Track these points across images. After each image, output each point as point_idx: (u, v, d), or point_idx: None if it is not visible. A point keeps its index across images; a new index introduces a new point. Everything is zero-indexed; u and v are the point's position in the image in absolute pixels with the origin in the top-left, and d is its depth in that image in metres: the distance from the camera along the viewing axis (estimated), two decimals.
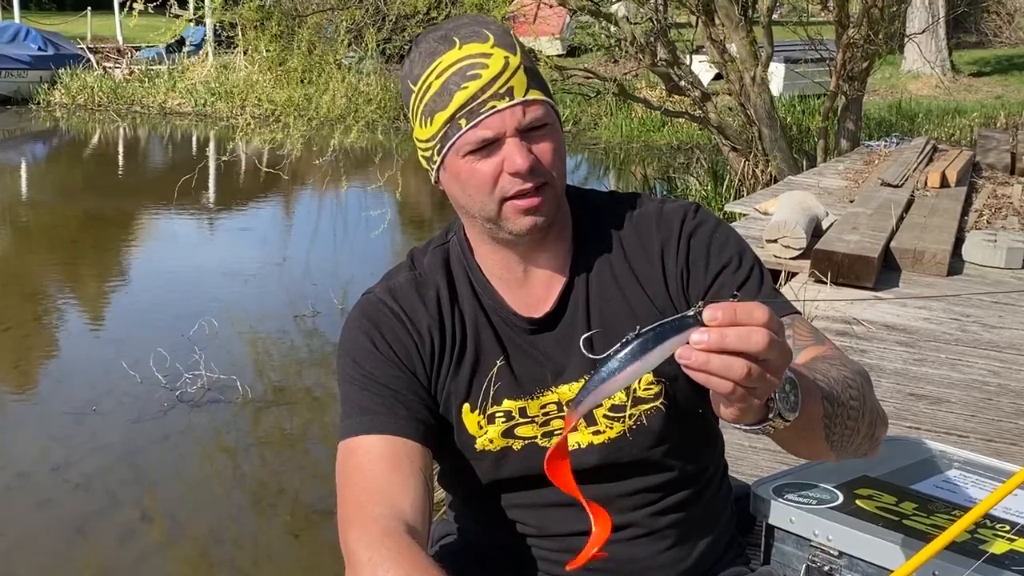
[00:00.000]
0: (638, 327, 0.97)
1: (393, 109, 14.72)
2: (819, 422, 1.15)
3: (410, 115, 1.29)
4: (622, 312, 1.32)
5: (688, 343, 0.95)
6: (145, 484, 4.46)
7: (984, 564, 1.30)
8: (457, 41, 1.24)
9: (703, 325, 0.95)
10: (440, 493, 1.49)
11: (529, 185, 1.24)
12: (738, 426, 1.05)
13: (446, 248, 1.39)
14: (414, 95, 1.27)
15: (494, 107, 1.22)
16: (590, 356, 1.05)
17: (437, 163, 1.28)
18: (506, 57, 1.23)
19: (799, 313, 1.37)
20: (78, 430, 4.98)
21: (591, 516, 1.08)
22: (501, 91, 1.22)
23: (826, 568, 1.46)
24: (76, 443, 4.83)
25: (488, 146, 1.23)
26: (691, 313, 0.96)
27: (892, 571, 1.35)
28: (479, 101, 1.22)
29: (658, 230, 1.35)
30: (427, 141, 1.28)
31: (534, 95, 1.24)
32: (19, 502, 4.29)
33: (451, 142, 1.24)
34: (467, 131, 1.23)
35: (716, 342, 0.94)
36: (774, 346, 0.95)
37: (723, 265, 1.32)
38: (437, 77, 1.24)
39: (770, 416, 1.05)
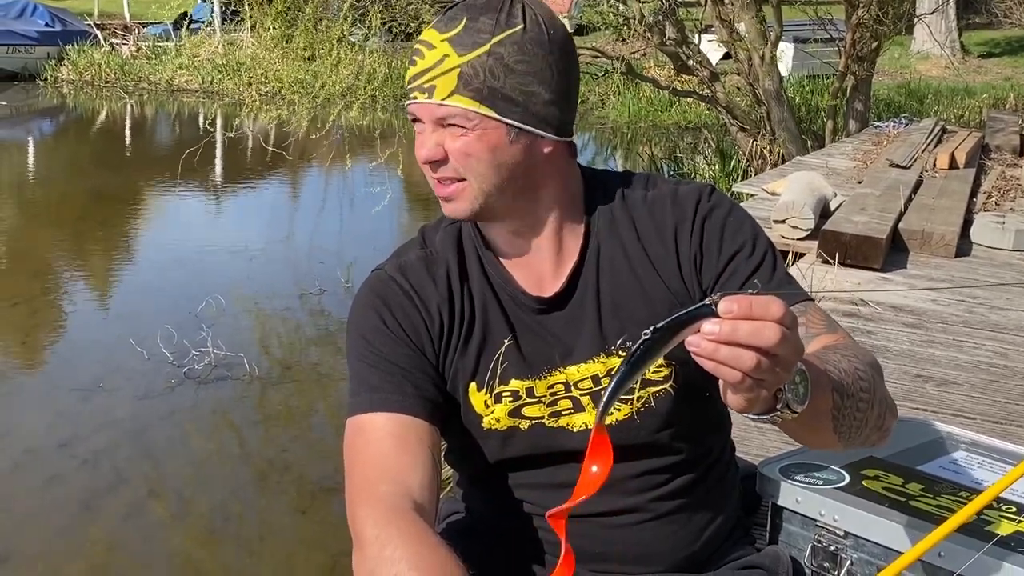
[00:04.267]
0: (654, 326, 0.97)
1: (399, 87, 14.68)
2: (827, 413, 1.14)
3: None
4: (634, 293, 1.31)
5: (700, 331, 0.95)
6: (152, 460, 4.48)
7: (992, 546, 1.30)
8: (435, 21, 1.26)
9: (717, 316, 0.95)
10: (447, 470, 1.49)
11: (438, 175, 1.26)
12: (745, 415, 1.05)
13: (458, 225, 1.38)
14: None
15: (415, 98, 1.25)
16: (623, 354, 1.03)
17: None
18: (445, 55, 1.22)
19: (812, 300, 1.36)
20: (85, 406, 5.00)
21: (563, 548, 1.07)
22: (425, 85, 1.23)
23: (831, 548, 1.47)
24: (83, 419, 4.86)
25: (420, 123, 1.27)
26: (707, 302, 0.96)
27: (897, 551, 1.36)
28: (412, 85, 1.25)
29: (672, 212, 1.33)
30: None
31: (456, 101, 1.21)
32: (27, 478, 4.31)
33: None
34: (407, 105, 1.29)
35: (727, 334, 0.94)
36: (785, 342, 0.95)
37: (736, 249, 1.31)
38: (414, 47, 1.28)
39: (778, 407, 1.05)
